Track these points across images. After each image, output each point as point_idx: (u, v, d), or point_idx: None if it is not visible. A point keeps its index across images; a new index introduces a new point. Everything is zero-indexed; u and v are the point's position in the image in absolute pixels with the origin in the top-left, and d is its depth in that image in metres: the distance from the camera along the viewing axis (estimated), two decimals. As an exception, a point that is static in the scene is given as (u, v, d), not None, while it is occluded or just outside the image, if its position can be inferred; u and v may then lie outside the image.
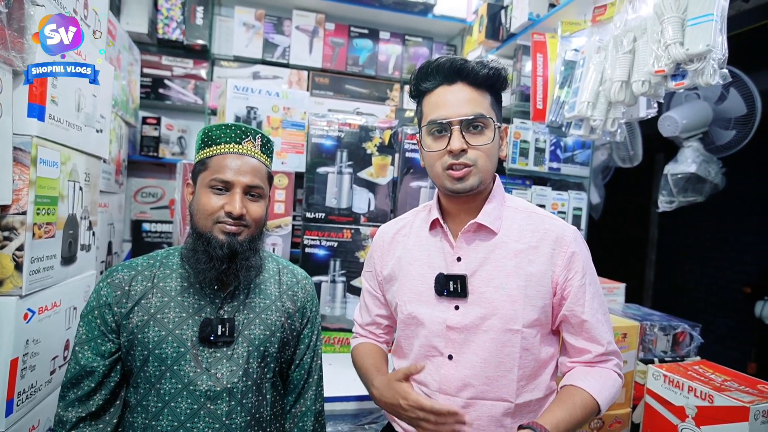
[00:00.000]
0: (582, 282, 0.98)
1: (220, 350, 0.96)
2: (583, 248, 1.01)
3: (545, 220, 1.02)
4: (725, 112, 2.04)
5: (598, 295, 1.01)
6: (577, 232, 1.02)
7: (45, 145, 1.10)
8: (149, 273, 1.00)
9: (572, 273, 0.98)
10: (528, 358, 0.97)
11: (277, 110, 1.98)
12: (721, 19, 1.16)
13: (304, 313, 1.11)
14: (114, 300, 0.96)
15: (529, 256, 0.98)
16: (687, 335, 1.57)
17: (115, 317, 0.96)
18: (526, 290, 0.96)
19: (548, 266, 0.97)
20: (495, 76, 0.97)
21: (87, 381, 0.94)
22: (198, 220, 0.98)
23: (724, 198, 2.49)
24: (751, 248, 3.79)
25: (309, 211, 1.97)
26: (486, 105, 0.97)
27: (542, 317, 0.98)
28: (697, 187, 2.09)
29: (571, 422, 0.92)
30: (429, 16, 2.74)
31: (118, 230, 2.11)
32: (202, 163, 1.00)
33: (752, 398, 1.10)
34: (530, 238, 0.99)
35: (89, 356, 0.95)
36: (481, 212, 1.00)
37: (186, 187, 1.05)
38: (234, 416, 0.94)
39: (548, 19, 1.91)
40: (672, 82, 1.28)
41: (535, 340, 0.98)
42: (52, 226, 1.16)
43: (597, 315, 0.98)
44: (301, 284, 1.12)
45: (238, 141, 1.00)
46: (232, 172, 0.96)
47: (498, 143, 1.00)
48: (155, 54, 2.54)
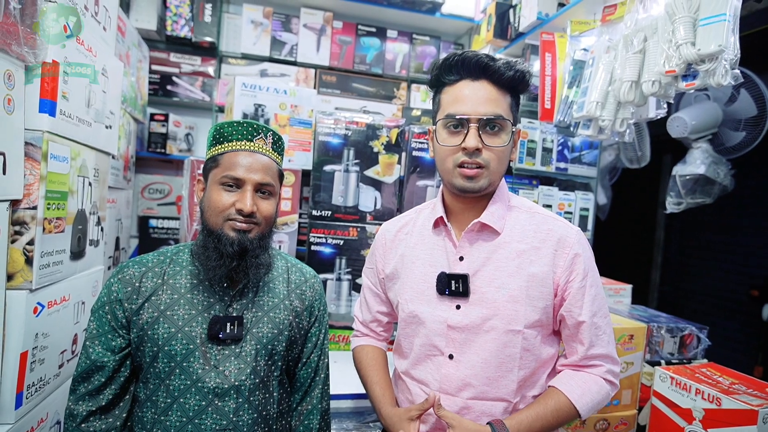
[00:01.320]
0: (582, 284, 0.96)
1: (228, 348, 0.97)
2: (586, 250, 0.99)
3: (548, 220, 1.01)
4: (735, 113, 2.03)
5: (598, 299, 0.98)
6: (581, 233, 1.00)
7: (56, 140, 1.11)
8: (159, 270, 1.01)
9: (573, 275, 0.96)
10: (529, 359, 0.97)
11: (285, 108, 1.98)
12: (734, 19, 1.15)
13: (312, 312, 1.11)
14: (125, 296, 0.97)
15: (531, 256, 0.97)
16: (694, 337, 1.56)
17: (126, 313, 0.97)
18: (527, 291, 0.95)
19: (550, 267, 0.96)
20: (519, 79, 0.96)
21: (97, 375, 0.95)
22: (209, 217, 0.98)
23: (732, 200, 2.47)
24: (758, 251, 3.75)
25: (315, 208, 1.97)
26: (505, 106, 0.96)
27: (543, 318, 0.97)
28: (705, 189, 2.07)
29: (537, 423, 0.91)
30: (437, 14, 2.73)
31: (125, 226, 2.13)
32: (214, 160, 1.00)
33: (761, 401, 1.09)
34: (533, 239, 0.98)
35: (100, 351, 0.96)
36: (485, 212, 0.99)
37: (197, 183, 1.05)
38: (241, 413, 0.95)
39: (557, 18, 1.90)
40: (683, 82, 1.27)
41: (536, 340, 0.97)
42: (62, 221, 1.17)
43: (595, 318, 0.96)
44: (310, 283, 1.13)
45: (250, 138, 1.00)
46: (244, 170, 0.96)
47: (511, 146, 0.99)
48: (163, 51, 2.55)
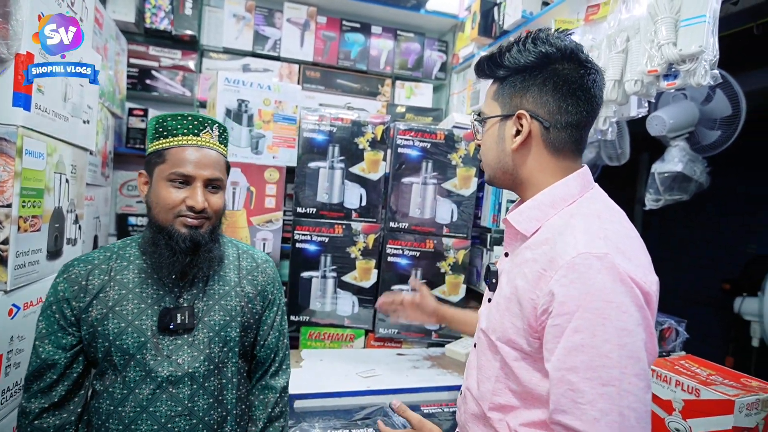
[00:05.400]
0: (557, 322, 0.72)
1: (181, 337, 0.99)
2: (583, 282, 0.70)
3: (567, 232, 0.77)
4: (711, 112, 2.08)
5: (585, 354, 0.69)
6: (585, 258, 0.71)
7: (31, 135, 1.07)
8: (106, 266, 1.01)
9: (551, 305, 0.73)
10: (510, 378, 0.84)
11: (269, 103, 1.95)
12: (713, 21, 1.18)
13: (265, 296, 1.13)
14: (72, 295, 0.97)
15: (526, 267, 0.81)
16: (673, 331, 1.60)
17: (74, 311, 0.97)
18: (509, 303, 0.83)
19: (531, 287, 0.78)
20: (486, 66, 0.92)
21: (49, 373, 0.96)
22: (157, 214, 0.98)
23: (706, 197, 2.54)
24: (731, 246, 3.89)
25: (300, 206, 1.96)
26: (487, 98, 0.94)
27: (524, 343, 0.80)
28: (683, 186, 2.12)
29: None
30: (421, 11, 2.73)
31: (104, 224, 2.07)
32: (159, 154, 0.99)
33: (737, 392, 1.13)
34: (540, 251, 0.80)
35: (50, 350, 0.96)
36: (515, 210, 0.90)
37: (139, 177, 1.04)
38: (196, 399, 0.98)
39: (541, 17, 1.92)
40: (664, 82, 1.29)
41: (518, 365, 0.81)
42: (38, 219, 1.13)
43: (570, 375, 0.70)
44: (261, 268, 1.14)
45: (197, 132, 0.99)
46: (193, 166, 0.97)
47: (498, 134, 0.90)
48: (142, 44, 2.48)
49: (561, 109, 0.84)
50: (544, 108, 0.84)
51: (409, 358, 1.93)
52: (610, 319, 0.68)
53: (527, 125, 0.85)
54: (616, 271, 0.70)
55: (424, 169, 1.98)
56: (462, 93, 2.73)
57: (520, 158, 0.88)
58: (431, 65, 2.92)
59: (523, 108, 0.85)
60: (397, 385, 1.65)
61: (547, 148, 0.86)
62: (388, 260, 1.99)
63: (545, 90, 0.84)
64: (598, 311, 0.69)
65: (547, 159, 0.86)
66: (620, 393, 0.67)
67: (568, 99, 0.83)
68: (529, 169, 0.88)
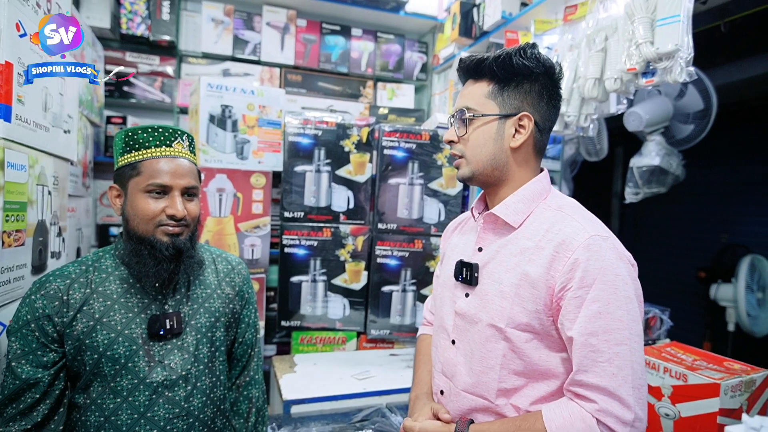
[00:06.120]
0: (578, 294, 0.83)
1: (170, 342, 1.02)
2: (597, 259, 0.83)
3: (566, 220, 0.89)
4: (685, 107, 2.16)
5: (604, 320, 0.81)
6: (595, 239, 0.84)
7: (12, 147, 1.04)
8: (85, 279, 1.00)
9: (571, 282, 0.83)
10: (515, 363, 0.90)
11: (253, 108, 1.94)
12: (687, 20, 1.23)
13: (243, 295, 1.19)
14: (53, 311, 0.95)
15: (531, 255, 0.89)
16: (657, 319, 1.65)
17: (57, 327, 0.95)
18: (518, 289, 0.89)
19: (545, 270, 0.86)
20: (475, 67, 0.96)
21: (30, 393, 0.94)
22: (137, 225, 0.99)
23: (680, 189, 2.63)
24: (704, 236, 4.03)
25: (287, 210, 1.95)
26: (478, 96, 0.96)
27: (536, 324, 0.88)
28: (660, 179, 2.20)
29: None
30: (401, 13, 2.75)
31: (86, 235, 2.01)
32: (133, 167, 1.00)
33: (722, 375, 1.17)
34: (541, 238, 0.89)
35: (29, 369, 0.94)
36: (500, 204, 0.96)
37: (110, 191, 1.04)
38: (192, 399, 1.02)
39: (521, 17, 1.96)
40: (643, 79, 1.34)
41: (528, 346, 0.89)
42: (21, 233, 1.09)
43: (591, 339, 0.81)
44: (237, 270, 1.21)
45: (169, 143, 1.02)
46: (170, 176, 0.99)
47: (497, 132, 0.93)
48: (118, 50, 2.42)
49: (549, 115, 0.96)
50: (538, 113, 0.94)
51: (402, 358, 1.95)
52: (619, 289, 0.83)
53: (529, 126, 0.93)
54: (616, 250, 0.85)
55: (410, 169, 2.00)
56: (443, 93, 2.76)
57: (515, 156, 0.95)
58: (412, 66, 2.94)
59: (524, 110, 0.93)
60: (392, 386, 1.66)
61: (534, 149, 0.97)
62: (377, 262, 2.00)
63: (542, 97, 0.94)
64: (611, 283, 0.82)
65: (531, 158, 0.97)
66: (630, 350, 0.81)
67: (552, 108, 0.96)
68: (518, 167, 0.96)
